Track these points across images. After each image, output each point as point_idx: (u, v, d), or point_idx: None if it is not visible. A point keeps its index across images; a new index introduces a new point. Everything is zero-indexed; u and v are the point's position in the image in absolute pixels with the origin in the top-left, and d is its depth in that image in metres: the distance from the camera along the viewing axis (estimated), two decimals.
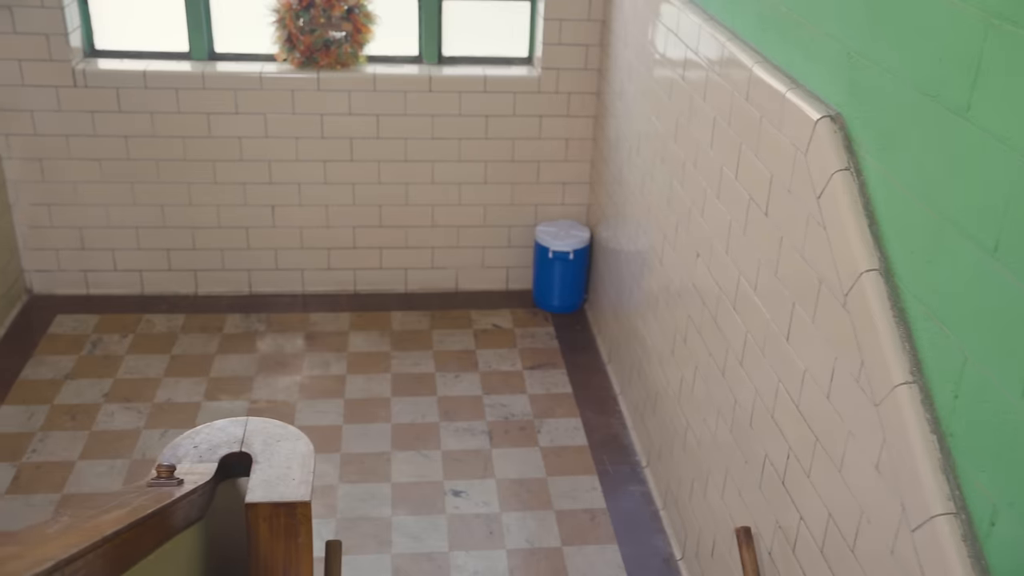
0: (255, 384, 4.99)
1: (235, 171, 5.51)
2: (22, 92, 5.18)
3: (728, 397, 3.31)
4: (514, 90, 5.51)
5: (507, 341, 5.49)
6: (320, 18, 5.28)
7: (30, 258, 5.60)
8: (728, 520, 3.33)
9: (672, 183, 3.98)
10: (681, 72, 3.82)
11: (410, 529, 4.05)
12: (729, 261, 3.29)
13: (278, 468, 2.72)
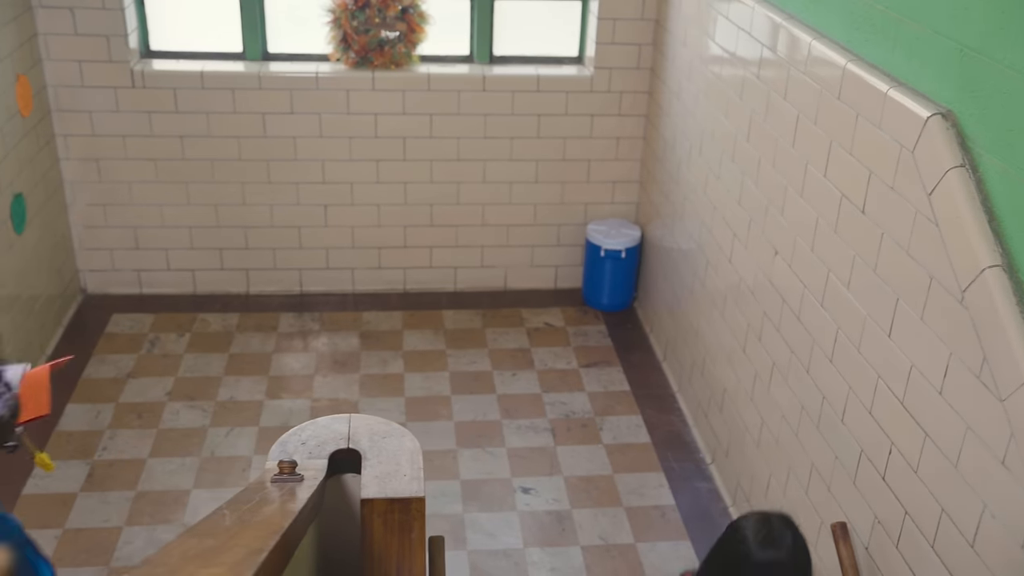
0: (315, 382, 5.02)
1: (289, 171, 5.53)
2: (81, 93, 5.20)
3: (814, 394, 3.33)
4: (566, 89, 5.53)
5: (560, 339, 5.51)
6: (375, 18, 5.30)
7: (85, 258, 5.63)
8: (813, 516, 3.35)
9: (744, 181, 3.99)
10: (756, 71, 3.84)
11: (483, 526, 4.07)
12: (816, 258, 3.31)
13: (388, 464, 2.74)
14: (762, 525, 2.31)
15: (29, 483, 4.18)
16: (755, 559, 2.24)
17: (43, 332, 5.04)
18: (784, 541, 2.26)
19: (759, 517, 2.35)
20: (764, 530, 2.29)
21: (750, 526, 2.31)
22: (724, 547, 2.36)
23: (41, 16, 4.99)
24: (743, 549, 2.27)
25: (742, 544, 2.28)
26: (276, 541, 1.47)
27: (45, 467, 2.48)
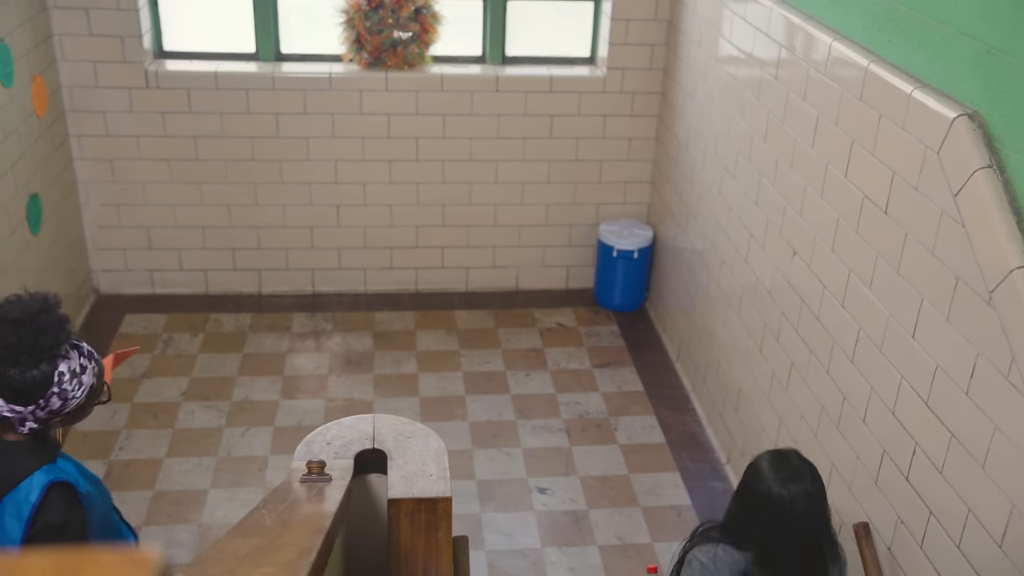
0: (329, 383, 5.02)
1: (302, 171, 5.54)
2: (95, 94, 5.21)
3: (834, 394, 3.34)
4: (579, 90, 5.54)
5: (573, 340, 5.52)
6: (388, 18, 5.31)
7: (98, 258, 5.64)
8: (833, 516, 3.35)
9: (761, 181, 4.00)
10: (773, 71, 3.85)
11: (501, 525, 4.08)
12: (836, 259, 3.31)
13: (414, 464, 2.75)
14: (780, 462, 2.43)
15: None
16: (777, 495, 2.35)
17: None
18: (804, 474, 2.39)
19: (775, 455, 2.48)
20: (783, 466, 2.41)
21: (768, 465, 2.43)
22: (746, 490, 2.46)
23: (56, 17, 5.00)
24: (764, 487, 2.38)
25: (763, 483, 2.39)
26: (322, 541, 1.48)
27: None
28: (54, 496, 2.04)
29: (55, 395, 2.05)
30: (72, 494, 2.09)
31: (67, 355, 2.07)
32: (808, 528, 2.37)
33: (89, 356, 2.14)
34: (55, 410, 2.07)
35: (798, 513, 2.34)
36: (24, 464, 2.06)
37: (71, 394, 2.08)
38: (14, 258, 4.45)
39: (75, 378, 2.08)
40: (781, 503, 2.34)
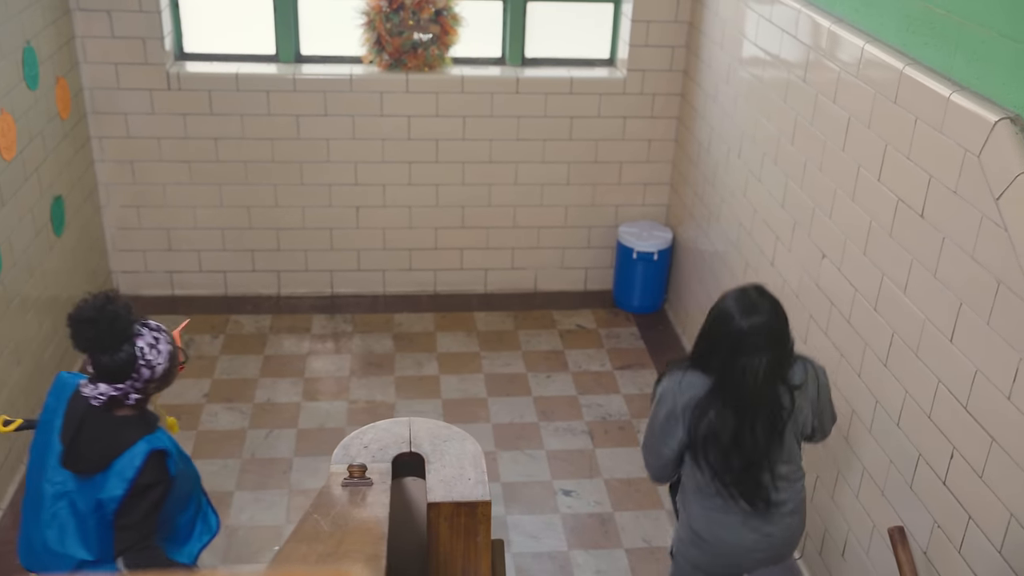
0: (351, 384, 5.02)
1: (322, 173, 5.54)
2: (117, 95, 5.22)
3: (866, 397, 3.33)
4: (599, 91, 5.54)
5: (593, 341, 5.52)
6: (409, 20, 5.31)
7: (118, 259, 5.65)
8: (865, 520, 3.35)
9: (788, 184, 3.99)
10: (801, 74, 3.84)
11: (526, 528, 4.07)
12: (868, 262, 3.31)
13: (452, 468, 2.75)
14: (741, 296, 2.69)
15: None
16: (738, 326, 2.63)
17: None
18: (763, 306, 2.67)
19: (736, 292, 2.73)
20: (743, 300, 2.68)
21: (730, 301, 2.69)
22: (711, 326, 2.73)
23: (79, 19, 5.01)
24: (728, 322, 2.65)
25: (727, 318, 2.66)
26: (385, 547, 1.48)
27: (172, 428, 2.90)
28: (152, 462, 2.46)
29: (143, 367, 2.46)
30: (164, 463, 2.49)
31: (140, 333, 2.48)
32: (763, 355, 2.63)
33: (158, 328, 2.54)
34: (148, 379, 2.48)
35: (754, 342, 2.62)
36: (130, 435, 2.47)
37: (155, 363, 2.47)
38: (39, 260, 4.46)
39: (153, 349, 2.47)
40: (740, 333, 2.62)
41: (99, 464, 2.45)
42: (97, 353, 2.43)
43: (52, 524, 2.52)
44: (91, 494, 2.47)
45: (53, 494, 2.52)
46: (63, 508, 2.50)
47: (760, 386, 2.66)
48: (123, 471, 2.43)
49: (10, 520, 3.98)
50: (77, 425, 2.47)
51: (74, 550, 2.51)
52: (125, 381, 2.46)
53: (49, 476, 2.53)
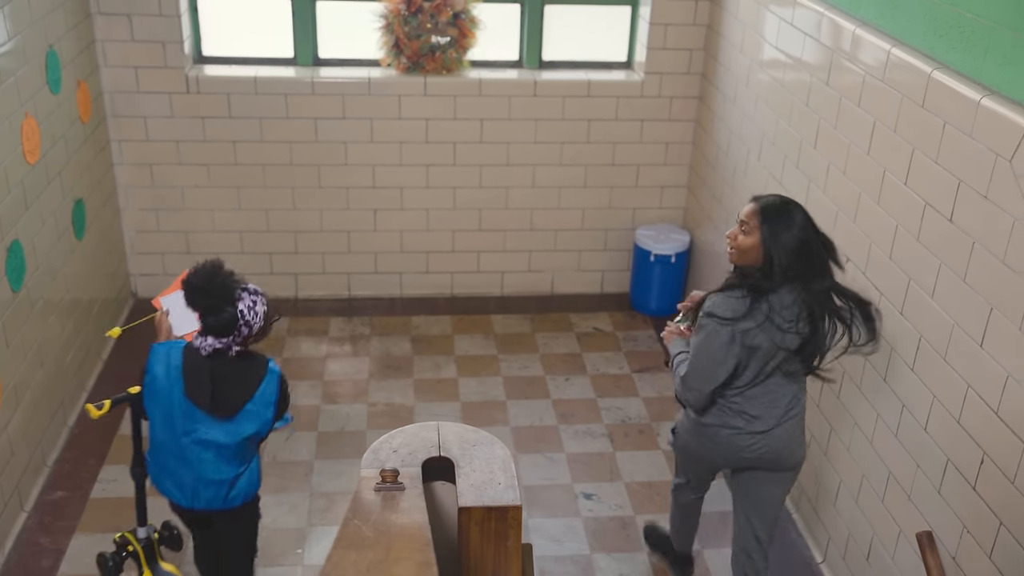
0: (370, 387, 5.03)
1: (339, 175, 5.55)
2: (136, 99, 5.23)
3: (892, 402, 3.32)
4: (617, 94, 5.54)
5: (611, 344, 5.52)
6: (427, 23, 5.31)
7: (136, 262, 5.66)
8: (891, 524, 3.34)
9: (810, 188, 3.99)
10: (824, 77, 3.84)
11: (548, 531, 4.08)
12: (894, 266, 3.30)
13: (482, 472, 2.75)
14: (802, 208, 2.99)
15: (96, 487, 4.20)
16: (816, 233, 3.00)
17: (99, 337, 5.06)
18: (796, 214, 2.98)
19: (797, 204, 3.01)
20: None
21: (801, 213, 2.98)
22: (807, 234, 2.98)
23: (99, 23, 5.02)
24: (813, 227, 2.98)
25: (810, 224, 2.97)
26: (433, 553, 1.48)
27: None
28: (283, 383, 3.06)
29: (243, 325, 2.93)
30: (284, 377, 3.09)
31: (241, 297, 2.93)
32: None
33: (255, 292, 2.99)
34: (246, 335, 2.95)
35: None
36: (256, 374, 3.01)
37: (252, 322, 2.95)
38: (62, 263, 4.47)
39: (251, 310, 2.94)
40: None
41: (238, 405, 2.97)
42: (209, 315, 2.91)
43: (202, 463, 3.00)
44: (236, 430, 2.98)
45: (194, 441, 2.98)
46: (208, 450, 2.99)
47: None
48: (267, 399, 3.00)
49: (35, 522, 3.99)
50: (209, 377, 2.95)
51: (228, 472, 3.03)
52: (228, 336, 2.93)
53: (185, 429, 2.98)
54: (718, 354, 2.94)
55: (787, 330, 2.92)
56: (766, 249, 2.89)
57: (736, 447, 3.11)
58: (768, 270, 2.88)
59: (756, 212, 2.93)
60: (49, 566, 3.76)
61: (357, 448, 4.54)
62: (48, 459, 4.29)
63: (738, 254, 2.98)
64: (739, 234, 2.97)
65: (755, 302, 2.90)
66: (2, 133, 3.82)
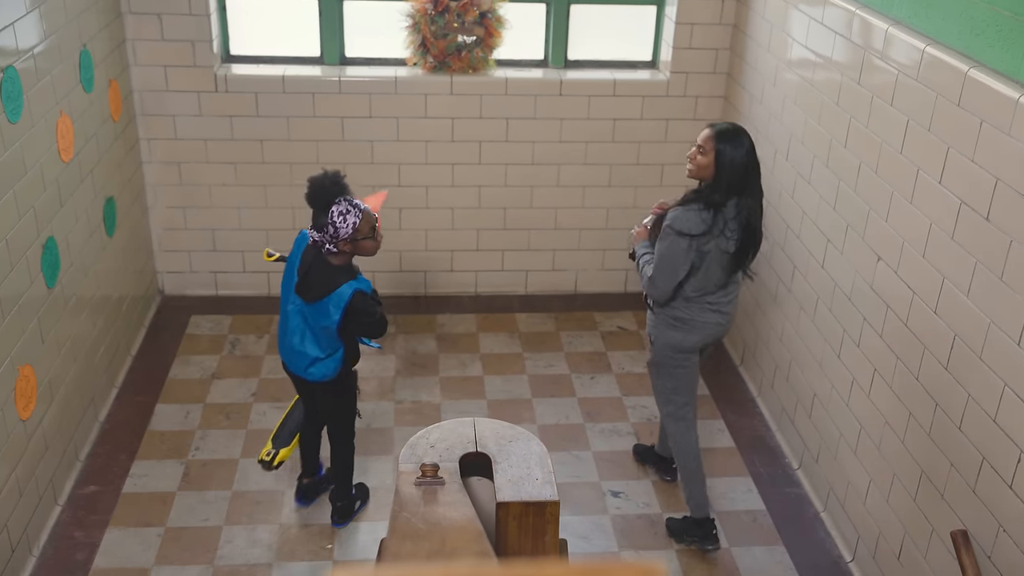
0: (396, 384, 5.06)
1: (365, 174, 5.57)
2: (166, 97, 5.28)
3: (925, 401, 3.32)
4: (642, 94, 5.55)
5: (635, 343, 5.53)
6: (454, 23, 5.33)
7: (163, 260, 5.71)
8: (923, 523, 3.34)
9: (840, 186, 3.99)
10: (855, 75, 3.84)
11: (576, 529, 4.09)
12: (928, 265, 3.30)
13: (518, 468, 2.77)
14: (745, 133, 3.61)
15: (128, 482, 4.24)
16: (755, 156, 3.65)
17: (128, 333, 5.11)
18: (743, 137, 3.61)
19: (743, 130, 3.59)
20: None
21: (748, 138, 3.58)
22: (750, 161, 3.59)
23: (130, 22, 5.07)
24: (754, 153, 3.59)
25: (753, 150, 3.57)
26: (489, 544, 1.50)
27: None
28: (356, 296, 3.52)
29: (330, 226, 3.45)
30: (367, 295, 3.57)
31: (339, 202, 3.48)
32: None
33: (355, 205, 3.50)
34: (332, 235, 3.46)
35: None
36: (340, 279, 3.53)
37: (340, 226, 3.45)
38: (93, 260, 4.51)
39: (342, 216, 3.45)
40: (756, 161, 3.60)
41: (318, 295, 3.52)
42: (314, 209, 3.50)
43: (296, 332, 3.65)
44: (316, 316, 3.57)
45: (293, 311, 3.64)
46: (300, 322, 3.62)
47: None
48: (338, 302, 3.51)
49: (68, 515, 4.03)
50: (308, 265, 3.55)
51: (310, 349, 3.66)
52: (321, 232, 3.47)
53: (292, 299, 3.62)
54: (678, 260, 3.57)
55: (730, 237, 3.57)
56: (719, 166, 3.53)
57: (716, 332, 3.80)
58: (719, 184, 3.52)
59: (712, 136, 3.57)
60: (84, 559, 3.80)
61: (384, 445, 4.57)
62: (80, 453, 4.33)
63: (696, 170, 3.64)
64: (697, 155, 3.61)
65: (715, 217, 3.52)
66: (38, 131, 3.86)
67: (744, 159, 3.51)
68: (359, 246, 3.53)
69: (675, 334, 3.78)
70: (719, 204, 3.52)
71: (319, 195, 3.49)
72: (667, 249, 3.57)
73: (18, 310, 3.64)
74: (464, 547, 1.43)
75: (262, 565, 3.83)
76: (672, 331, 3.78)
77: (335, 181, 3.52)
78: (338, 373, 3.72)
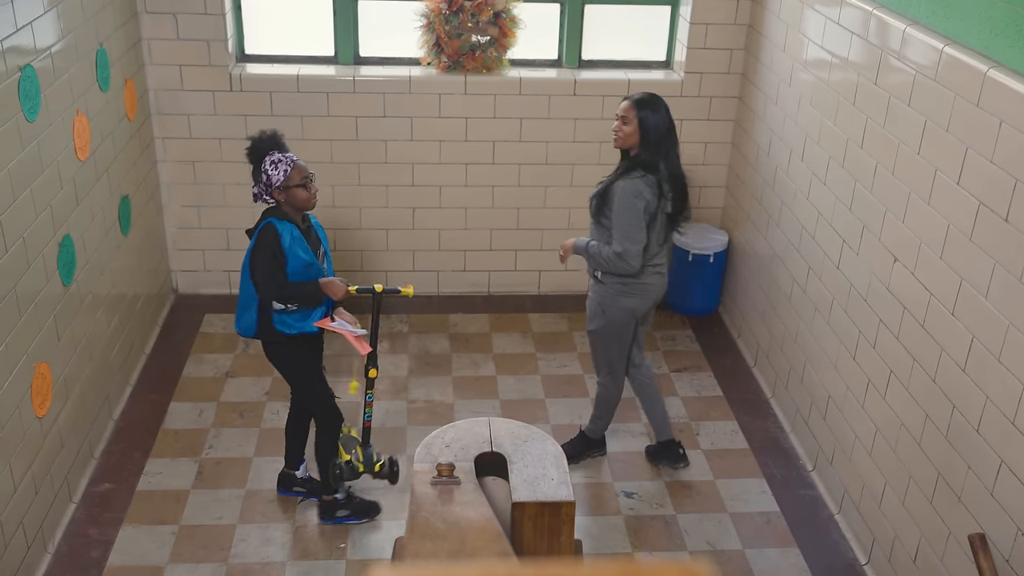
0: (409, 384, 5.06)
1: (379, 174, 5.59)
2: (180, 96, 5.29)
3: (942, 403, 3.31)
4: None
5: (648, 344, 5.50)
6: (468, 22, 5.33)
7: (177, 259, 5.72)
8: (940, 526, 3.32)
9: (856, 188, 3.97)
10: (872, 76, 3.82)
11: (590, 529, 4.08)
12: (945, 266, 3.28)
13: (534, 468, 2.76)
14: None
15: (142, 480, 4.25)
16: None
17: (142, 331, 5.12)
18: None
19: (660, 98, 3.96)
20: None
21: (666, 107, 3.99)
22: (669, 125, 3.95)
23: (146, 21, 5.08)
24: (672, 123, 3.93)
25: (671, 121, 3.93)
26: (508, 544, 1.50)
27: (352, 390, 3.99)
28: (266, 227, 3.66)
29: (264, 173, 3.66)
30: (273, 232, 3.64)
31: (272, 154, 3.65)
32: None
33: (286, 156, 3.67)
34: (267, 183, 3.66)
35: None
36: (263, 216, 3.73)
37: (271, 173, 3.65)
38: (108, 258, 4.53)
39: (274, 165, 3.64)
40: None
41: (250, 233, 3.75)
42: (253, 164, 3.70)
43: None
44: (245, 264, 3.73)
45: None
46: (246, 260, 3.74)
47: None
48: (250, 247, 3.67)
49: (83, 513, 4.04)
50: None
51: (241, 302, 3.77)
52: (258, 184, 3.68)
53: None
54: (640, 223, 3.82)
55: (668, 197, 3.91)
56: (643, 131, 3.83)
57: (659, 292, 4.09)
58: (648, 146, 3.82)
59: (632, 105, 3.87)
60: (98, 556, 3.81)
61: (397, 444, 4.57)
62: (95, 451, 4.34)
63: (622, 139, 3.90)
64: (621, 126, 3.88)
65: (659, 182, 3.83)
66: (55, 130, 3.87)
67: (665, 120, 3.84)
68: (291, 194, 3.64)
69: (628, 300, 4.02)
70: (654, 165, 3.83)
71: (256, 150, 3.66)
72: (628, 215, 3.81)
73: (35, 308, 3.65)
74: (484, 547, 1.42)
75: (276, 563, 3.84)
76: (625, 298, 4.02)
77: (272, 137, 3.69)
78: (258, 328, 3.74)
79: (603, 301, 4.07)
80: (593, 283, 4.11)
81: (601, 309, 4.09)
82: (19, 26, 3.55)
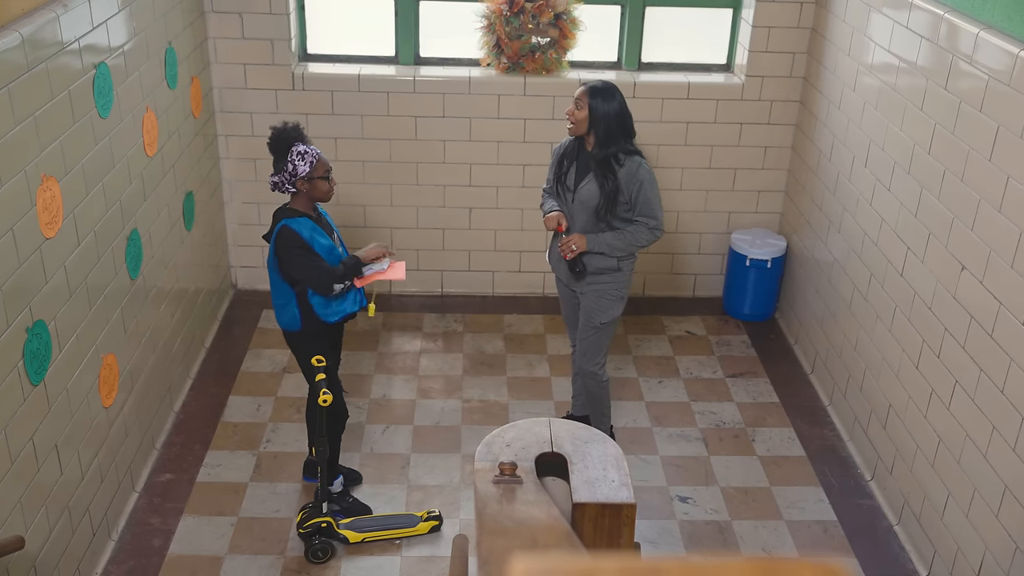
0: (464, 383, 5.08)
1: (437, 173, 5.62)
2: (244, 95, 5.37)
3: (1011, 414, 3.24)
4: (716, 97, 5.49)
5: (703, 348, 5.48)
6: (529, 24, 5.34)
7: (237, 254, 5.81)
8: (1007, 540, 3.26)
9: (923, 194, 3.91)
10: (942, 81, 3.75)
11: (644, 534, 4.06)
12: (1016, 275, 3.21)
13: (594, 469, 2.75)
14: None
15: (202, 471, 4.33)
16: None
17: (203, 326, 5.21)
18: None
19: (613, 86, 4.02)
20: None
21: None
22: (627, 111, 4.03)
23: (212, 21, 5.17)
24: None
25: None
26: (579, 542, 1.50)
27: (370, 311, 4.01)
28: (283, 229, 3.73)
29: (291, 163, 3.72)
30: (290, 232, 3.72)
31: (297, 145, 3.74)
32: None
33: (311, 149, 3.77)
34: (291, 173, 3.73)
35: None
36: (280, 217, 3.79)
37: (297, 163, 3.72)
38: (172, 253, 4.62)
39: (300, 156, 3.72)
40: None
41: (267, 236, 3.82)
42: (275, 155, 3.78)
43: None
44: (269, 258, 3.83)
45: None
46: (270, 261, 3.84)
47: None
48: (273, 243, 3.77)
49: (145, 502, 4.12)
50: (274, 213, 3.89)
51: (274, 296, 3.87)
52: (280, 173, 3.75)
53: None
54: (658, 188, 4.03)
55: None
56: (592, 119, 3.89)
57: None
58: (600, 132, 3.89)
59: (586, 91, 3.92)
60: (160, 545, 3.89)
61: (452, 443, 4.59)
62: (157, 442, 4.43)
63: (576, 125, 3.96)
64: (575, 111, 3.93)
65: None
66: (126, 126, 3.96)
67: (618, 107, 3.90)
68: (314, 185, 3.73)
69: (627, 283, 4.21)
70: (636, 150, 3.97)
71: (281, 141, 3.75)
72: (654, 189, 3.98)
73: (104, 300, 3.74)
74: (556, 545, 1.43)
75: (332, 557, 3.87)
76: (628, 285, 4.21)
77: (296, 129, 3.79)
78: (303, 321, 3.83)
79: (620, 288, 4.15)
80: (604, 277, 4.10)
81: (619, 296, 4.17)
82: (95, 24, 3.63)
